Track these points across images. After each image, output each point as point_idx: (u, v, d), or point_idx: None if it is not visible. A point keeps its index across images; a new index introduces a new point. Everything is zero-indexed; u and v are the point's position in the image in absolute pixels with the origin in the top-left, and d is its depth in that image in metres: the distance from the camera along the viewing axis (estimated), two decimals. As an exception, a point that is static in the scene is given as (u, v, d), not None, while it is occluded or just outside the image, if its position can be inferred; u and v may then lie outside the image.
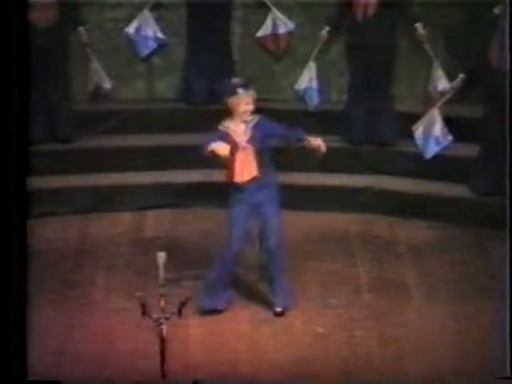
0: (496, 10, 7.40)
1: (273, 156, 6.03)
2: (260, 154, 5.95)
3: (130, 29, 8.26)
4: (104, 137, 8.13)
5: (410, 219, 7.46)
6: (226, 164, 5.99)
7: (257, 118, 6.01)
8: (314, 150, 6.04)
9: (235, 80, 6.05)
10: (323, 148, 6.02)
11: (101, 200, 7.68)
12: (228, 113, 6.05)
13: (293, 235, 7.12)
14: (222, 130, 6.04)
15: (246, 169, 5.93)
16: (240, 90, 5.93)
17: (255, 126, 5.97)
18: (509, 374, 5.05)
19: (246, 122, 5.97)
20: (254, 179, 5.95)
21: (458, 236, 7.25)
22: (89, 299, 6.35)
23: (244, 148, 5.94)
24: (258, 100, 8.28)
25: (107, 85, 8.02)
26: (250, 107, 5.96)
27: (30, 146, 4.39)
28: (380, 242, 7.22)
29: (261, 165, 5.94)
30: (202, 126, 8.26)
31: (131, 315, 5.62)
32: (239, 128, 5.98)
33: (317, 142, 6.00)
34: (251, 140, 5.95)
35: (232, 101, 5.97)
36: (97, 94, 8.03)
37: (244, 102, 5.94)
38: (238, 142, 5.96)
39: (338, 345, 5.83)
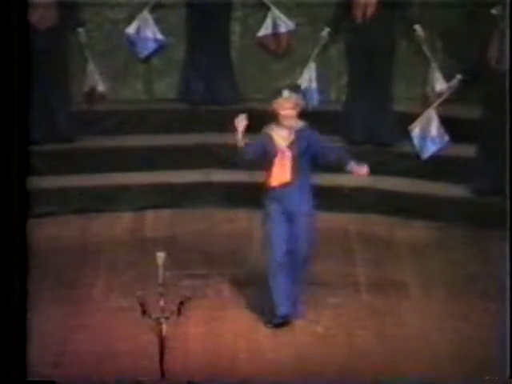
0: (494, 11, 7.43)
1: (311, 163, 5.96)
2: (297, 160, 5.91)
3: (130, 30, 8.28)
4: (104, 137, 8.15)
5: (409, 219, 7.48)
6: (266, 167, 5.97)
7: (301, 124, 5.96)
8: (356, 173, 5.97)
9: (286, 84, 6.08)
10: (367, 174, 5.98)
11: (100, 200, 7.70)
12: (271, 116, 5.98)
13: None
14: (266, 132, 6.00)
15: (281, 173, 5.92)
16: (285, 92, 5.89)
17: (298, 132, 5.93)
18: (508, 375, 5.06)
19: (289, 127, 5.93)
20: (286, 184, 5.92)
21: (456, 236, 7.28)
22: (89, 299, 6.36)
23: (283, 152, 5.92)
24: (255, 100, 8.40)
25: (101, 87, 8.04)
26: (294, 112, 5.91)
27: (30, 146, 4.41)
28: (379, 241, 7.23)
29: (296, 171, 5.90)
30: (201, 126, 8.33)
31: (131, 315, 5.63)
32: (282, 132, 5.95)
33: (362, 170, 5.95)
34: (291, 145, 5.92)
35: (275, 103, 5.93)
36: (91, 96, 8.06)
37: (287, 105, 5.88)
38: (278, 146, 5.93)
39: (337, 344, 5.84)
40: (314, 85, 8.02)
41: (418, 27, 7.87)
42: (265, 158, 5.95)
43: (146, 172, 7.89)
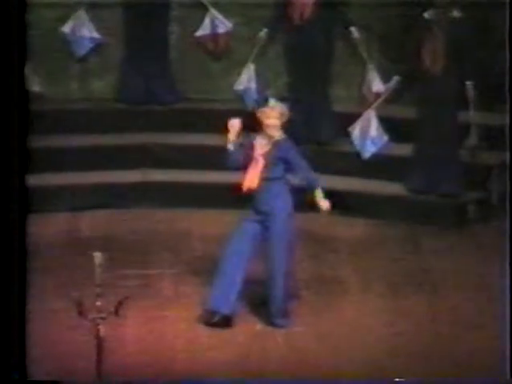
0: (426, 15, 7.57)
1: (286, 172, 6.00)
2: (270, 169, 5.96)
3: (66, 29, 8.23)
4: (39, 137, 8.08)
5: (348, 216, 7.57)
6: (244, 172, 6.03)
7: (282, 136, 6.00)
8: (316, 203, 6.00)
9: (268, 93, 6.06)
10: (326, 211, 6.03)
11: (36, 200, 7.63)
12: (256, 124, 6.00)
13: (228, 233, 7.19)
14: (249, 138, 6.04)
15: (250, 179, 5.96)
16: (272, 101, 5.92)
17: (276, 144, 5.98)
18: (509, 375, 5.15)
19: (270, 137, 5.97)
20: (255, 189, 5.96)
21: (393, 232, 7.39)
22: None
23: (257, 160, 5.96)
24: (195, 100, 8.41)
25: (37, 87, 7.98)
26: (278, 122, 5.95)
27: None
28: (318, 238, 7.30)
29: (268, 178, 5.95)
30: (140, 125, 8.31)
31: (67, 316, 5.60)
32: (263, 141, 5.99)
33: (325, 205, 6.01)
34: (266, 154, 5.96)
35: (260, 112, 5.96)
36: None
37: (272, 114, 5.92)
38: (254, 153, 5.98)
39: (276, 342, 5.87)
40: (253, 85, 8.07)
41: (353, 29, 7.97)
42: (245, 164, 6.01)
43: (82, 172, 7.83)
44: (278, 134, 6.00)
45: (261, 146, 6.00)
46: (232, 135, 5.93)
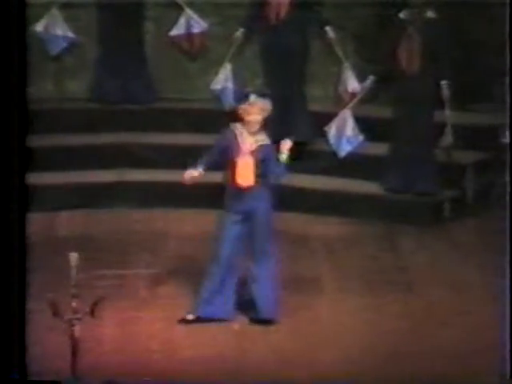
0: (401, 15, 7.61)
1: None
2: (257, 168, 5.97)
3: (38, 27, 8.19)
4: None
5: (324, 215, 7.61)
6: (226, 167, 6.00)
7: (265, 139, 6.01)
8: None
9: (250, 89, 6.04)
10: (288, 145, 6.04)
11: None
12: (237, 119, 6.00)
13: (205, 233, 7.19)
14: (231, 129, 6.01)
15: (247, 174, 5.95)
16: (252, 97, 5.91)
17: (262, 146, 5.99)
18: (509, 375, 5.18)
19: (252, 134, 5.97)
20: (251, 187, 5.95)
21: (369, 231, 7.43)
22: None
23: (245, 155, 5.95)
24: (171, 100, 8.39)
25: None
26: (259, 117, 5.94)
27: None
28: (294, 238, 7.31)
29: (257, 176, 5.96)
30: (116, 125, 8.29)
31: (43, 317, 5.58)
32: (246, 137, 5.98)
33: (286, 146, 6.03)
34: (253, 152, 5.97)
35: (241, 109, 5.95)
36: None
37: (253, 110, 5.91)
38: (241, 147, 5.96)
39: (254, 341, 5.88)
40: (229, 85, 8.07)
41: (328, 29, 7.99)
42: (226, 157, 5.98)
43: (58, 172, 7.80)
44: (260, 135, 6.00)
45: (248, 143, 5.98)
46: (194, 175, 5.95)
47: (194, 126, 8.11)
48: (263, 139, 6.03)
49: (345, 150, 7.77)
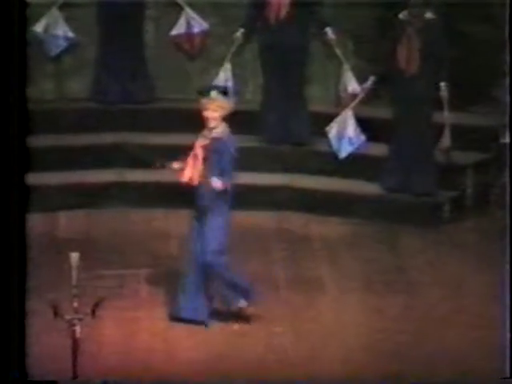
0: (401, 16, 7.62)
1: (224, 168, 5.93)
2: (209, 162, 5.88)
3: (38, 28, 8.19)
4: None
5: (325, 216, 7.61)
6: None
7: (223, 130, 5.92)
8: None
9: (214, 85, 6.01)
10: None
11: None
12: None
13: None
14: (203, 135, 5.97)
15: (189, 170, 5.89)
16: (213, 93, 5.85)
17: (217, 138, 5.88)
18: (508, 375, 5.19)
19: (210, 129, 5.90)
20: (199, 183, 5.90)
21: (369, 231, 7.43)
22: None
23: (196, 153, 5.90)
24: (170, 100, 8.38)
25: None
26: (216, 114, 5.86)
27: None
28: (296, 238, 7.33)
29: (206, 172, 5.88)
30: (115, 125, 8.28)
31: (44, 318, 5.58)
32: (204, 133, 5.93)
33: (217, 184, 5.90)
34: (204, 147, 5.89)
35: (200, 103, 5.89)
36: None
37: (211, 107, 5.84)
38: (196, 145, 5.92)
39: (255, 342, 5.87)
40: (230, 85, 8.06)
41: (328, 30, 8.00)
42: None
43: (57, 172, 7.80)
44: (219, 128, 5.90)
45: (202, 137, 5.92)
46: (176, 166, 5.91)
47: (193, 126, 8.11)
48: (221, 129, 5.91)
49: (346, 150, 7.78)
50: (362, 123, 7.81)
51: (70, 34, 8.23)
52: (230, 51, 8.09)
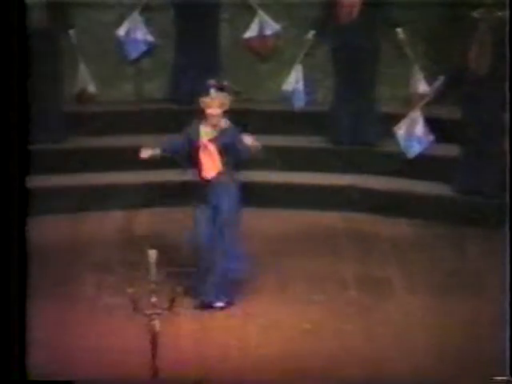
0: (475, 14, 7.57)
1: (235, 162, 6.09)
2: (222, 155, 6.03)
3: (121, 32, 8.34)
4: (94, 137, 8.22)
5: (393, 217, 7.61)
6: (194, 164, 6.11)
7: (227, 124, 6.06)
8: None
9: (211, 81, 6.10)
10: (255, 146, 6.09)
11: (90, 199, 7.77)
12: (201, 112, 6.11)
13: (280, 233, 7.26)
14: (193, 127, 6.12)
15: (211, 164, 6.02)
16: (212, 92, 5.98)
17: (223, 132, 6.04)
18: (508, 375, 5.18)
19: (213, 126, 6.05)
20: (220, 175, 6.02)
21: (439, 233, 7.41)
22: (82, 297, 6.42)
23: (205, 146, 6.02)
24: (244, 101, 8.47)
25: (92, 88, 8.11)
26: (219, 111, 6.01)
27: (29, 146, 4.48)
28: (364, 239, 7.36)
29: (222, 164, 6.03)
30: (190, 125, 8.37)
31: (123, 312, 5.70)
32: (206, 129, 6.06)
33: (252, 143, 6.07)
34: (213, 140, 6.03)
35: (202, 102, 6.05)
36: (81, 97, 8.11)
37: (213, 104, 5.99)
38: (201, 140, 6.04)
39: (325, 340, 5.92)
40: (300, 86, 8.13)
41: (399, 30, 8.01)
42: (190, 153, 6.07)
43: (135, 171, 7.92)
44: (222, 123, 6.04)
45: (205, 133, 6.04)
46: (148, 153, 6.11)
47: (266, 128, 8.18)
48: (225, 124, 6.04)
49: (415, 150, 7.77)
50: (430, 123, 7.80)
51: (150, 38, 8.38)
52: (301, 53, 8.15)
